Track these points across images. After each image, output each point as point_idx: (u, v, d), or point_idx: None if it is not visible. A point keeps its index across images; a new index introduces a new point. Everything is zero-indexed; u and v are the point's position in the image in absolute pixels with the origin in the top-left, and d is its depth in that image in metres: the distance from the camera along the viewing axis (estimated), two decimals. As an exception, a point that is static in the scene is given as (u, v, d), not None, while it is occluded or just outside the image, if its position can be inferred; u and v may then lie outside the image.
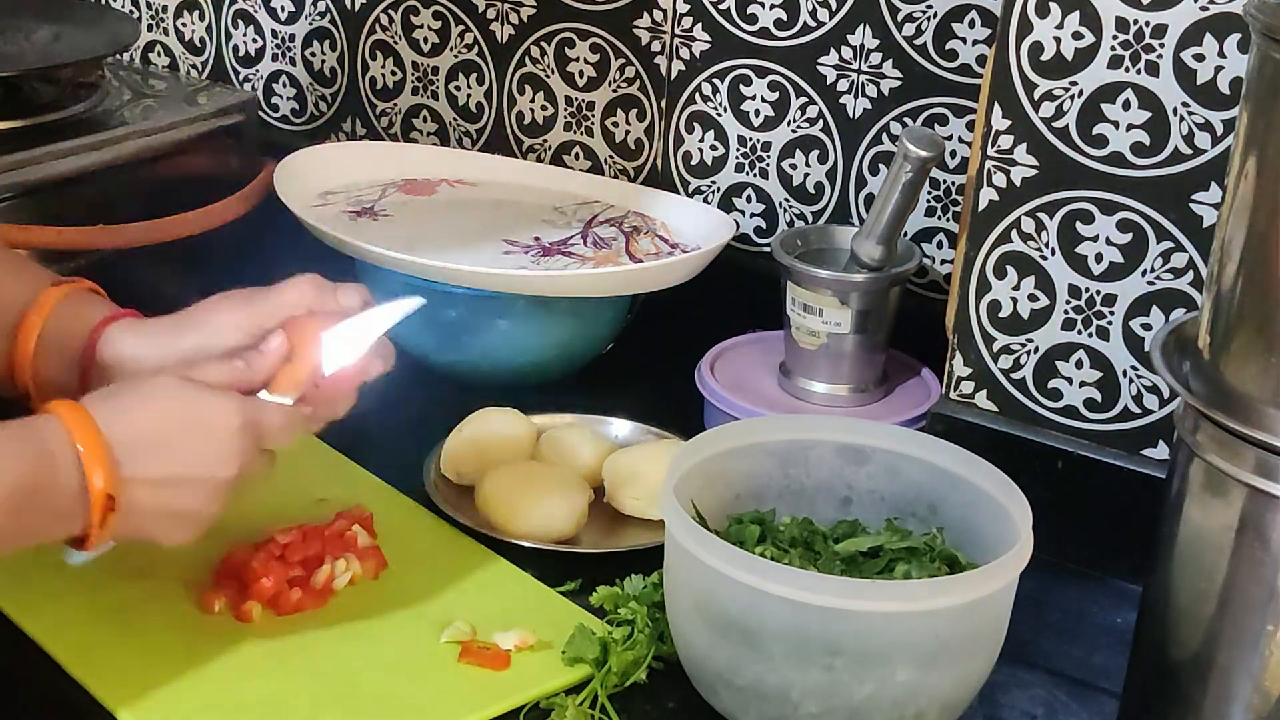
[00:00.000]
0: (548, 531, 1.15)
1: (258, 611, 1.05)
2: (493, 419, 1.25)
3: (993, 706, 1.03)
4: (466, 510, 1.18)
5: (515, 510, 1.15)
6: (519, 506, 1.15)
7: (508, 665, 1.01)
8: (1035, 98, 1.12)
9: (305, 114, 1.72)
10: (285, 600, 1.06)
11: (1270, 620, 0.88)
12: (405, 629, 1.05)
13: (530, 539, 1.15)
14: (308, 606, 1.06)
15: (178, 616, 1.05)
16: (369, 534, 1.13)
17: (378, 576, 1.10)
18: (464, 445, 1.23)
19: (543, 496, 1.16)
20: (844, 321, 1.27)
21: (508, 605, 1.08)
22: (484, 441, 1.23)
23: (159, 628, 1.03)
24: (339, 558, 1.09)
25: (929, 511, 1.06)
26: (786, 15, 1.39)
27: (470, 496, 1.20)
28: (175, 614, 1.05)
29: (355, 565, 1.09)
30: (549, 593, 1.10)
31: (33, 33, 1.56)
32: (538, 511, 1.15)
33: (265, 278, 1.41)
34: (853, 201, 1.42)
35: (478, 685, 1.00)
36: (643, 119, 1.50)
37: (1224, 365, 0.88)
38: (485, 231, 1.43)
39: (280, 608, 1.06)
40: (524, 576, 1.12)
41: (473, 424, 1.25)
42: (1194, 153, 1.08)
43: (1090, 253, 1.13)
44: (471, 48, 1.58)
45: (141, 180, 1.50)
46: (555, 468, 1.20)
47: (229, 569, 1.08)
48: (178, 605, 1.06)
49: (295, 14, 1.69)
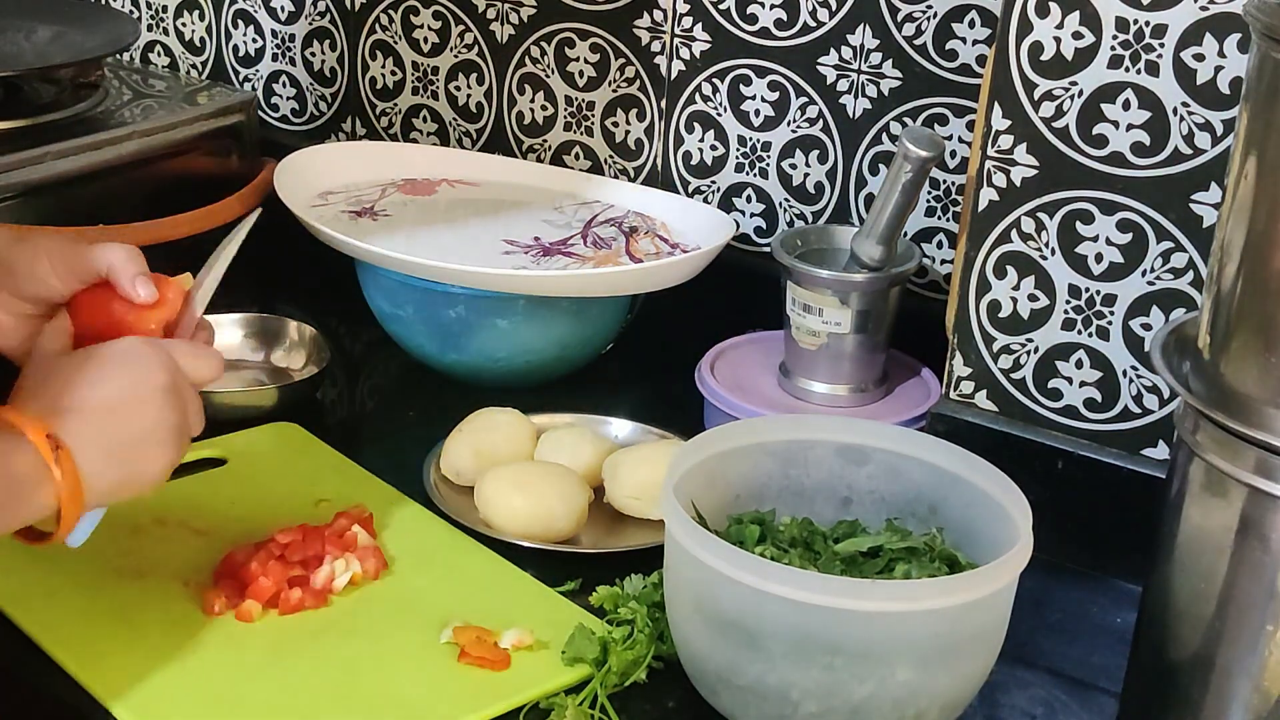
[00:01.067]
0: (547, 531, 1.15)
1: (258, 611, 1.05)
2: (493, 419, 1.25)
3: (993, 706, 1.03)
4: (466, 510, 1.18)
5: (515, 510, 1.15)
6: (519, 507, 1.15)
7: (508, 665, 1.01)
8: (1035, 98, 1.12)
9: (305, 114, 1.72)
10: (285, 600, 1.06)
11: (1270, 620, 0.88)
12: (405, 629, 1.05)
13: (530, 539, 1.15)
14: (308, 606, 1.06)
15: (178, 616, 1.05)
16: (369, 534, 1.13)
17: (378, 576, 1.10)
18: (464, 445, 1.23)
19: (543, 497, 1.16)
20: (844, 321, 1.27)
21: (507, 605, 1.08)
22: (484, 442, 1.23)
23: (159, 628, 1.03)
24: (339, 558, 1.09)
25: (929, 512, 1.06)
26: (786, 15, 1.39)
27: (470, 496, 1.20)
28: (176, 614, 1.05)
29: (355, 565, 1.09)
30: (549, 592, 1.10)
31: (33, 32, 1.56)
32: (538, 512, 1.15)
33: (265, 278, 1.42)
34: (853, 201, 1.42)
35: (478, 685, 1.00)
36: (643, 119, 1.50)
37: (1224, 365, 0.88)
38: (485, 231, 1.43)
39: (281, 607, 1.06)
40: (523, 576, 1.12)
41: (473, 424, 1.25)
42: (1194, 153, 1.08)
43: (1090, 253, 1.13)
44: (471, 48, 1.58)
45: (141, 180, 1.50)
46: (555, 468, 1.20)
47: (229, 569, 1.08)
48: (178, 605, 1.06)
49: (295, 14, 1.69)
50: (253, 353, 1.42)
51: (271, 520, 1.13)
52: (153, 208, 1.44)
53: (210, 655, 1.01)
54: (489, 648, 1.02)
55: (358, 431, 1.31)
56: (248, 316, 1.43)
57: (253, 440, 1.27)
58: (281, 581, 1.06)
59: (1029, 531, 0.97)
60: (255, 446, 1.26)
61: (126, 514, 1.13)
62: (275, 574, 1.06)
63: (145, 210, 1.44)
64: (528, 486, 1.17)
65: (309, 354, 1.40)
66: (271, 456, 1.25)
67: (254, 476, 1.22)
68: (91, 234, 1.40)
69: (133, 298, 0.99)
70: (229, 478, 1.22)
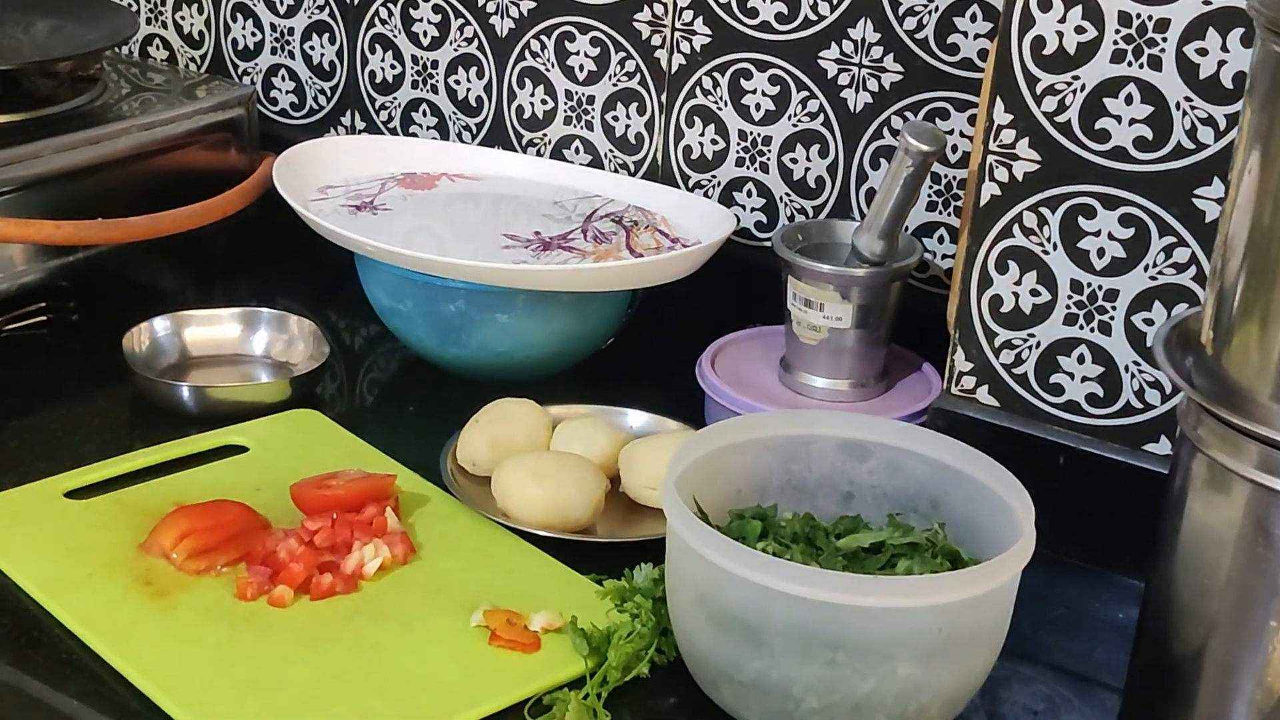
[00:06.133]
0: (565, 521, 1.16)
1: (290, 597, 1.06)
2: (508, 409, 1.25)
3: (994, 702, 1.03)
4: (483, 500, 1.19)
5: (532, 500, 1.15)
6: (536, 496, 1.15)
7: (538, 648, 1.02)
8: (1037, 92, 1.12)
9: (304, 108, 1.72)
10: (317, 585, 1.07)
11: (1273, 616, 0.87)
12: (436, 613, 1.06)
13: (547, 528, 1.15)
14: (339, 591, 1.07)
15: (210, 602, 1.06)
16: (397, 518, 1.14)
17: (406, 561, 1.11)
18: (480, 436, 1.23)
19: (560, 486, 1.16)
20: (845, 316, 1.27)
21: (536, 589, 1.09)
22: (500, 432, 1.23)
23: (192, 613, 1.04)
24: (368, 543, 1.10)
25: (931, 507, 1.06)
26: (787, 9, 1.39)
27: (486, 486, 1.20)
28: (209, 600, 1.06)
29: (385, 551, 1.10)
30: (576, 576, 1.10)
31: (31, 26, 1.55)
32: (555, 501, 1.15)
33: (264, 272, 1.42)
34: (854, 196, 1.41)
35: (509, 667, 1.01)
36: (643, 113, 1.50)
37: (1227, 360, 0.88)
38: (485, 226, 1.42)
39: (312, 593, 1.07)
40: (549, 560, 1.12)
41: (489, 414, 1.25)
42: (1197, 147, 1.08)
43: (1092, 247, 1.13)
44: (471, 41, 1.58)
45: (140, 174, 1.50)
46: (572, 458, 1.20)
47: (260, 556, 1.08)
48: (212, 592, 1.07)
49: (294, 7, 1.68)
50: (252, 347, 1.41)
51: None
52: (151, 202, 1.44)
53: (244, 640, 1.02)
54: (519, 630, 1.03)
55: (358, 426, 1.30)
56: (247, 311, 1.42)
57: (274, 428, 1.28)
58: (312, 567, 1.07)
59: (1031, 527, 0.96)
60: (276, 433, 1.27)
61: (151, 501, 1.15)
62: (306, 560, 1.07)
63: (144, 204, 1.44)
64: (545, 476, 1.16)
65: (309, 349, 1.40)
66: (293, 442, 1.26)
67: (277, 462, 1.22)
68: (91, 228, 1.40)
69: None
70: (253, 464, 1.23)
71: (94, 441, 1.26)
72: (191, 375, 1.37)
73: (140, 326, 1.37)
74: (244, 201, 1.52)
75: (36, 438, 1.26)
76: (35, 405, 1.31)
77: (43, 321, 1.43)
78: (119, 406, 1.32)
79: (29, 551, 1.09)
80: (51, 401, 1.32)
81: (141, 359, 1.35)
